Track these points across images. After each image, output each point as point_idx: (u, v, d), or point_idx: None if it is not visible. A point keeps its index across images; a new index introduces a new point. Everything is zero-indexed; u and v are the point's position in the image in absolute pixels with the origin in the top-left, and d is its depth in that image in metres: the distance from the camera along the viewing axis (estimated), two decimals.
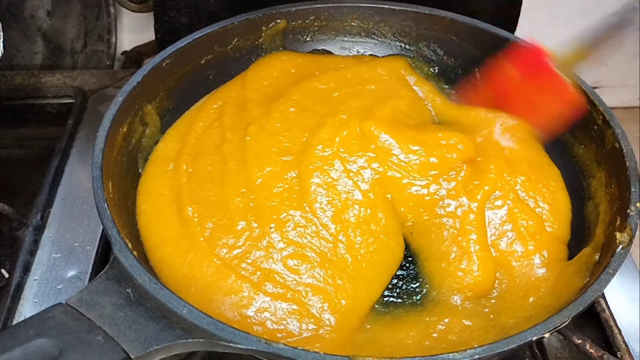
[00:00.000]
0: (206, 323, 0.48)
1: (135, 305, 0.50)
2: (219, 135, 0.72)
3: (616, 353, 0.66)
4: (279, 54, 0.85)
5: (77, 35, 1.13)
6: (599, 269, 0.57)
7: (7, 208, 0.74)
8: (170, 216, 0.65)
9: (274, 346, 0.47)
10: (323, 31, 0.88)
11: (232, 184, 0.67)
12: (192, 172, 0.68)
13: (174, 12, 0.97)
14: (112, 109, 0.66)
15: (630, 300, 0.72)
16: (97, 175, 0.59)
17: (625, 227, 0.59)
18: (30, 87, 0.97)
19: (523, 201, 0.68)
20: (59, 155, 0.84)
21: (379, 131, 0.70)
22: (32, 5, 1.08)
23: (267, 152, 0.70)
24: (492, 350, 0.49)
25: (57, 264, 0.72)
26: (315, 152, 0.70)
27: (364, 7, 0.86)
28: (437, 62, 0.87)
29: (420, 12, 0.84)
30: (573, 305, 0.52)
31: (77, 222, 0.77)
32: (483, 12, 0.88)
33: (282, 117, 0.74)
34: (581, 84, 0.72)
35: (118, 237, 0.54)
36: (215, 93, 0.80)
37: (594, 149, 0.70)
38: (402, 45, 0.88)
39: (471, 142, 0.71)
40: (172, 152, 0.71)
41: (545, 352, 0.68)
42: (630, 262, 0.74)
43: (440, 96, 0.83)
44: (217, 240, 0.62)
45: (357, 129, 0.71)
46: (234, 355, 0.64)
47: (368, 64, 0.84)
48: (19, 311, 0.68)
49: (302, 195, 0.66)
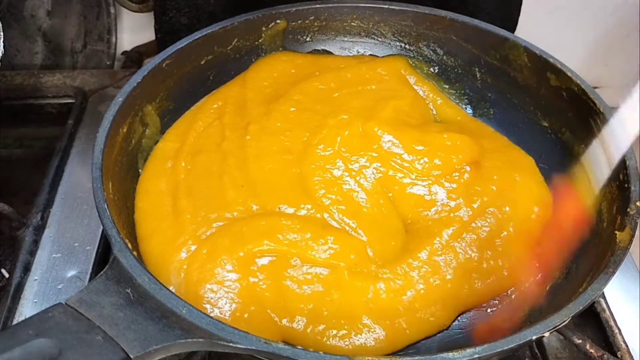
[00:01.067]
0: (206, 323, 0.48)
1: (134, 305, 0.50)
2: (219, 133, 0.72)
3: (616, 353, 0.66)
4: (279, 54, 0.85)
5: (77, 35, 1.12)
6: (598, 270, 0.57)
7: (7, 208, 0.74)
8: (165, 210, 0.65)
9: (274, 346, 0.47)
10: (323, 31, 0.88)
11: (231, 178, 0.67)
12: (191, 169, 0.69)
13: (174, 12, 0.97)
14: (112, 109, 0.66)
15: (630, 300, 0.72)
16: (97, 175, 0.59)
17: (625, 226, 0.59)
18: (30, 87, 0.97)
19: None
20: (59, 155, 0.84)
21: (383, 132, 0.70)
22: (32, 5, 1.08)
23: (268, 151, 0.70)
24: (492, 349, 0.49)
25: (57, 264, 0.72)
26: (317, 151, 0.70)
27: (364, 7, 0.86)
28: (437, 61, 0.87)
29: (420, 12, 0.84)
30: (573, 305, 0.52)
31: (77, 222, 0.77)
32: (483, 12, 0.88)
33: (283, 117, 0.74)
34: (581, 84, 0.72)
35: (118, 237, 0.54)
36: (215, 93, 0.80)
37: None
38: (402, 45, 0.88)
39: (477, 146, 0.71)
40: (171, 151, 0.71)
41: (545, 352, 0.68)
42: (630, 262, 0.74)
43: (441, 95, 0.83)
44: (207, 224, 0.63)
45: (360, 129, 0.71)
46: (234, 355, 0.64)
47: (368, 64, 0.84)
48: (19, 311, 0.68)
49: (306, 191, 0.66)
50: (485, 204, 0.67)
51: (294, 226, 0.62)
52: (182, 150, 0.71)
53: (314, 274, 0.60)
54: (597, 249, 0.62)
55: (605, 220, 0.63)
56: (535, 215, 0.68)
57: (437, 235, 0.64)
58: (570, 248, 0.63)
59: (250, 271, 0.59)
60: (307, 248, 0.61)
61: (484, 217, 0.67)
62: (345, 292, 0.59)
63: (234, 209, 0.64)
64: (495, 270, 0.64)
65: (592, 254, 0.62)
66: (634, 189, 0.61)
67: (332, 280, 0.60)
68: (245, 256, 0.60)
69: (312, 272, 0.60)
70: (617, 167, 0.64)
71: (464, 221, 0.66)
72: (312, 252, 0.60)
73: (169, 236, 0.62)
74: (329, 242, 0.61)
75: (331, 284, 0.59)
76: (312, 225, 0.63)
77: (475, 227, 0.66)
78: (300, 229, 0.61)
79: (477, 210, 0.67)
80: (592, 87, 0.71)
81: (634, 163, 0.63)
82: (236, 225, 0.62)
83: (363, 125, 0.71)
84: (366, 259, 0.62)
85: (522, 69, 0.79)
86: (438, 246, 0.63)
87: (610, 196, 0.65)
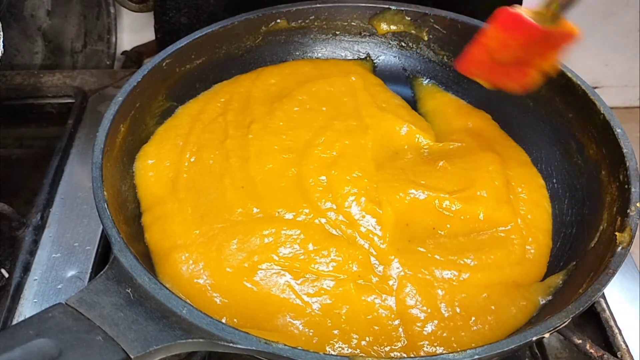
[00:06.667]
0: (206, 323, 0.48)
1: (135, 305, 0.50)
2: (222, 131, 0.73)
3: (616, 353, 0.66)
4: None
5: (77, 35, 1.13)
6: (598, 270, 0.57)
7: (7, 208, 0.74)
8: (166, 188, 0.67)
9: (274, 346, 0.47)
10: (323, 31, 0.88)
11: (232, 179, 0.67)
12: (195, 162, 0.69)
13: (174, 12, 0.97)
14: (112, 109, 0.66)
15: (630, 300, 0.72)
16: (97, 175, 0.59)
17: (625, 227, 0.59)
18: (30, 87, 0.97)
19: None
20: (59, 155, 0.84)
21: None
22: (32, 5, 1.08)
23: (269, 150, 0.70)
24: (492, 350, 0.49)
25: (57, 264, 0.72)
26: (316, 152, 0.70)
27: (364, 7, 0.86)
28: (437, 61, 0.87)
29: (420, 11, 0.84)
30: (573, 305, 0.52)
31: (77, 222, 0.77)
32: (483, 12, 0.87)
33: (286, 117, 0.75)
34: (581, 84, 0.72)
35: (118, 237, 0.54)
36: (226, 84, 0.80)
37: (594, 149, 0.70)
38: (402, 45, 0.88)
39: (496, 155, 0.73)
40: (183, 130, 0.73)
41: (545, 352, 0.68)
42: (630, 262, 0.74)
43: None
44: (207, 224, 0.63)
45: (362, 141, 0.72)
46: (234, 355, 0.64)
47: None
48: (18, 311, 0.68)
49: (304, 193, 0.66)
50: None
51: (296, 236, 0.62)
52: (189, 141, 0.71)
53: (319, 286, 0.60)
54: (597, 250, 0.62)
55: (605, 221, 0.64)
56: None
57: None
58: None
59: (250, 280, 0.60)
60: (310, 262, 0.61)
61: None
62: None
63: (234, 211, 0.64)
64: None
65: (592, 255, 0.62)
66: (634, 190, 0.61)
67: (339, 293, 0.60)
68: (249, 267, 0.60)
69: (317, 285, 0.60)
70: (617, 167, 0.64)
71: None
72: (315, 266, 0.61)
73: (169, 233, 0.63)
74: (331, 254, 0.61)
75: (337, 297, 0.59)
76: (314, 233, 0.63)
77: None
78: (302, 241, 0.62)
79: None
80: (592, 87, 0.71)
81: (634, 164, 0.63)
82: (238, 230, 0.62)
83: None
84: (369, 269, 0.61)
85: None
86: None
87: (611, 197, 0.65)
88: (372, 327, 0.57)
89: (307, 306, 0.58)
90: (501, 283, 0.62)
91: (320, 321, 0.57)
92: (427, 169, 0.71)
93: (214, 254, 0.61)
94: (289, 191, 0.67)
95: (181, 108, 0.77)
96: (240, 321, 0.57)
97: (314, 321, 0.57)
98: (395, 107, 0.80)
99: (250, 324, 0.57)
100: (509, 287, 0.62)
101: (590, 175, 0.70)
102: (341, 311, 0.58)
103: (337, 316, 0.58)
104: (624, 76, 1.52)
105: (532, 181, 0.73)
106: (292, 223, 0.64)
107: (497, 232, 0.66)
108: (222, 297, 0.58)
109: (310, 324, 0.57)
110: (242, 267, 0.60)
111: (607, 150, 0.68)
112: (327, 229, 0.64)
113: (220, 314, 0.57)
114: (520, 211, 0.69)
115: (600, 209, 0.66)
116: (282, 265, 0.60)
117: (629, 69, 1.47)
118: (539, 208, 0.70)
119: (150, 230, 0.64)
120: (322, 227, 0.64)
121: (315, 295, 0.59)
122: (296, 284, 0.59)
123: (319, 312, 0.58)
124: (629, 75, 1.52)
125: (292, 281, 0.59)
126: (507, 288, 0.62)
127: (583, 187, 0.70)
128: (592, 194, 0.69)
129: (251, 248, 0.61)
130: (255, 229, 0.62)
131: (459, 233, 0.66)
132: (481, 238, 0.66)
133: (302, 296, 0.59)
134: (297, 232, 0.62)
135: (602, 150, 0.69)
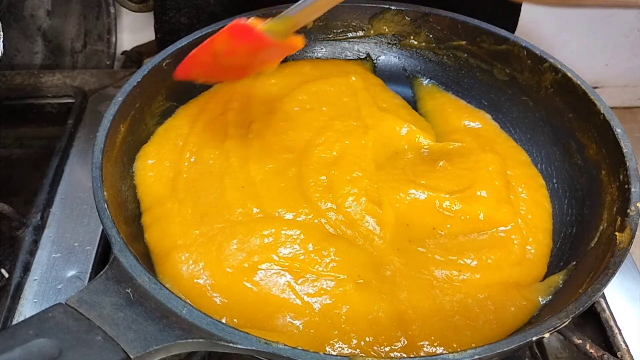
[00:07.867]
0: (206, 323, 0.48)
1: (134, 305, 0.50)
2: (222, 131, 0.73)
3: (616, 353, 0.66)
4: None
5: (77, 35, 1.12)
6: (598, 270, 0.57)
7: (7, 208, 0.74)
8: (166, 188, 0.67)
9: (274, 346, 0.47)
10: (323, 31, 0.87)
11: (231, 179, 0.67)
12: (195, 162, 0.69)
13: (174, 12, 0.97)
14: (112, 109, 0.66)
15: (630, 300, 0.72)
16: (97, 175, 0.59)
17: (625, 227, 0.59)
18: (30, 87, 0.97)
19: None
20: (59, 155, 0.84)
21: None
22: (32, 5, 1.08)
23: (269, 150, 0.70)
24: (492, 350, 0.49)
25: (57, 264, 0.72)
26: (316, 152, 0.70)
27: (364, 7, 0.86)
28: (437, 61, 0.87)
29: (420, 11, 0.84)
30: (573, 305, 0.52)
31: (77, 222, 0.77)
32: (483, 12, 0.87)
33: (286, 117, 0.75)
34: (581, 84, 0.72)
35: (118, 237, 0.54)
36: (227, 84, 0.80)
37: (595, 149, 0.70)
38: (402, 45, 0.88)
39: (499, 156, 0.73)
40: (183, 129, 0.73)
41: (545, 352, 0.68)
42: (630, 262, 0.74)
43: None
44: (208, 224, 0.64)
45: (362, 141, 0.72)
46: (234, 355, 0.64)
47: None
48: (18, 311, 0.68)
49: (303, 193, 0.66)
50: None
51: (296, 237, 0.62)
52: (189, 141, 0.71)
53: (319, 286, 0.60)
54: (597, 250, 0.62)
55: (605, 221, 0.64)
56: None
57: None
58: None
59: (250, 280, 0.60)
60: (311, 262, 0.61)
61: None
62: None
63: (234, 211, 0.64)
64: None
65: (592, 255, 0.62)
66: (634, 190, 0.61)
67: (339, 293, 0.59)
68: (249, 267, 0.60)
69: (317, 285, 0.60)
70: (617, 167, 0.64)
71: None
72: (315, 266, 0.60)
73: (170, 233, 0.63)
74: (331, 254, 0.61)
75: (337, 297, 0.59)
76: (314, 233, 0.63)
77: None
78: (302, 242, 0.62)
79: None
80: (592, 87, 0.71)
81: (634, 164, 0.63)
82: (238, 230, 0.62)
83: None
84: (369, 269, 0.61)
85: (522, 70, 0.79)
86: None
87: (611, 197, 0.65)
88: (372, 327, 0.57)
89: (307, 306, 0.58)
90: (501, 283, 0.62)
91: (320, 321, 0.57)
92: (428, 169, 0.71)
93: (214, 254, 0.61)
94: (289, 191, 0.67)
95: (181, 108, 0.77)
96: (240, 321, 0.57)
97: (314, 321, 0.57)
98: (395, 107, 0.80)
99: (250, 324, 0.57)
100: (509, 287, 0.62)
101: (591, 175, 0.70)
102: (341, 311, 0.58)
103: (337, 316, 0.58)
104: (624, 76, 1.52)
105: (532, 181, 0.74)
106: (292, 223, 0.63)
107: (497, 232, 0.66)
108: (222, 297, 0.58)
109: (310, 324, 0.57)
110: (242, 267, 0.60)
111: (607, 150, 0.68)
112: (327, 229, 0.64)
113: (220, 314, 0.57)
114: (521, 211, 0.69)
115: (600, 209, 0.66)
116: (282, 265, 0.60)
117: (629, 69, 1.47)
118: (539, 208, 0.70)
119: (150, 230, 0.64)
120: (322, 227, 0.64)
121: (315, 295, 0.59)
122: (296, 284, 0.59)
123: (319, 312, 0.58)
124: (629, 75, 1.51)
125: (292, 281, 0.59)
126: (507, 288, 0.62)
127: (583, 187, 0.71)
128: (592, 194, 0.69)
129: (251, 248, 0.61)
130: (255, 229, 0.62)
131: (459, 233, 0.66)
132: (481, 238, 0.66)
133: (302, 296, 0.58)
134: (297, 232, 0.62)
135: (602, 150, 0.69)
